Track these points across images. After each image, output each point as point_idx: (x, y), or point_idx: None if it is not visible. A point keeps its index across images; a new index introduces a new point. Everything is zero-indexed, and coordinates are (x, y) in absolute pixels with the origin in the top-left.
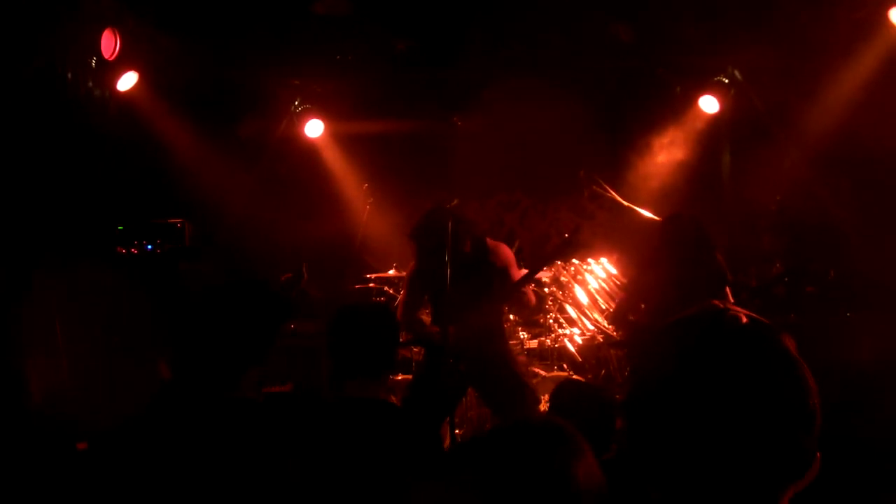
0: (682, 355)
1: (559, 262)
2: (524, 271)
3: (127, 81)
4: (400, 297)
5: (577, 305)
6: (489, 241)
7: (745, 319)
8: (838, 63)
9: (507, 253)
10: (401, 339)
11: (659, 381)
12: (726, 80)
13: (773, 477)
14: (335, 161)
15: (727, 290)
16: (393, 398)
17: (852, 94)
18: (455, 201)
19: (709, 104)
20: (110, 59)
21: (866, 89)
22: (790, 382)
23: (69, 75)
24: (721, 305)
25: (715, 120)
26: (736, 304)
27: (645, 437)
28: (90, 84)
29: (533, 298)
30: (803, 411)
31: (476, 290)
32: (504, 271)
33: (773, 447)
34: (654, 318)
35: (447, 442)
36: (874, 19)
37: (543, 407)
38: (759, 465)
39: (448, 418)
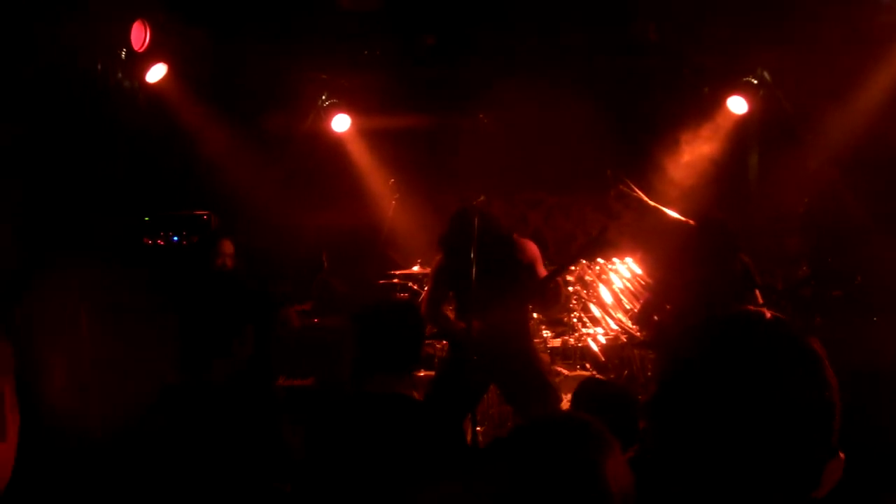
0: (709, 357)
1: (585, 261)
2: (551, 269)
3: (156, 73)
4: (425, 292)
5: (601, 305)
6: (516, 237)
7: (770, 318)
8: (866, 65)
9: (534, 250)
10: (426, 333)
11: (685, 382)
12: (755, 81)
13: (795, 480)
14: (361, 156)
15: (756, 292)
16: (416, 394)
17: (880, 96)
18: (482, 197)
19: (737, 105)
20: (140, 50)
21: (894, 91)
22: (813, 384)
23: (99, 66)
24: (752, 309)
25: (743, 121)
26: (765, 306)
27: (670, 437)
28: (119, 75)
29: (561, 296)
30: (826, 414)
31: (502, 287)
32: (530, 268)
33: (798, 447)
34: (679, 319)
35: (468, 438)
36: None
37: (565, 406)
38: (783, 466)
39: (469, 415)
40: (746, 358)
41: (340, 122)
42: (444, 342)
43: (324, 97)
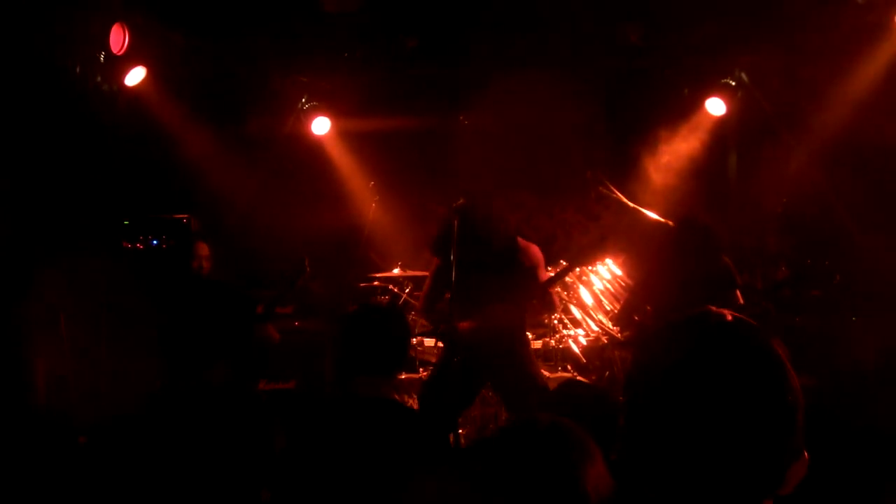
0: (670, 360)
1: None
2: (552, 273)
3: (135, 76)
4: (405, 296)
5: (581, 306)
6: (520, 240)
7: (730, 319)
8: (845, 65)
9: (537, 253)
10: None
11: (649, 383)
12: (733, 83)
13: (758, 478)
14: (341, 158)
15: (737, 292)
16: (398, 397)
17: (859, 96)
18: (461, 200)
19: (716, 106)
20: (119, 53)
21: (873, 92)
22: (772, 383)
23: (77, 69)
24: (712, 310)
25: (722, 121)
26: (745, 305)
27: (639, 438)
28: (98, 78)
29: (558, 302)
30: (785, 410)
31: (501, 288)
32: (532, 271)
33: (758, 448)
34: (659, 319)
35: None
36: (881, 23)
37: None
38: (744, 467)
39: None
40: (705, 360)
41: (321, 125)
42: (435, 344)
43: (304, 100)
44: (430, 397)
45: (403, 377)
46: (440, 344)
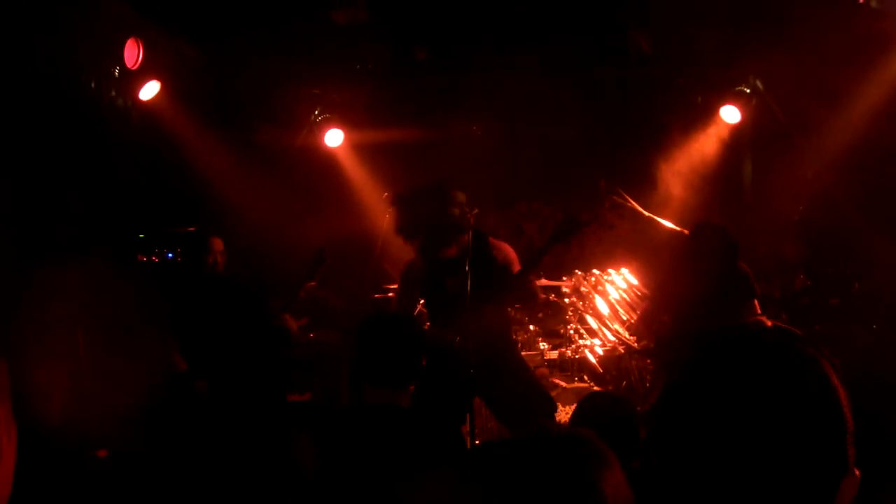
0: (712, 367)
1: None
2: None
3: (149, 90)
4: (394, 298)
5: (597, 316)
6: (491, 239)
7: (769, 331)
8: (859, 71)
9: (509, 251)
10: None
11: (691, 396)
12: (748, 90)
13: (808, 493)
14: (355, 170)
15: (755, 302)
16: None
17: (873, 102)
18: (476, 210)
19: (730, 114)
20: (133, 68)
21: (887, 97)
22: (822, 395)
23: (92, 84)
24: (757, 320)
25: (736, 129)
26: (764, 315)
27: (675, 452)
28: (113, 93)
29: (537, 292)
30: (836, 423)
31: (476, 290)
32: (505, 268)
33: (808, 462)
34: (677, 328)
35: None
36: (894, 29)
37: (562, 416)
38: (795, 481)
39: (467, 428)
40: (754, 372)
41: (334, 137)
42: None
43: (317, 112)
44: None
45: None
46: None
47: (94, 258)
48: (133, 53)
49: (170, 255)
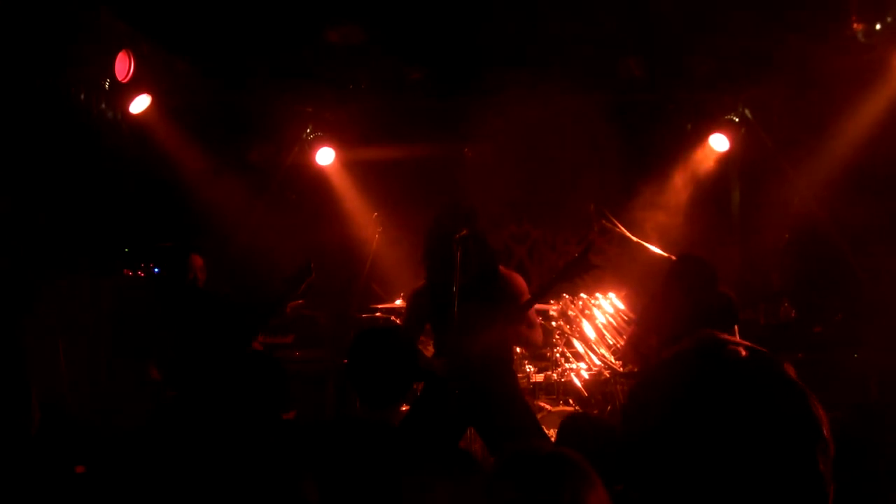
0: (683, 390)
1: (569, 280)
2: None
3: (140, 104)
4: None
5: (584, 340)
6: (502, 268)
7: (744, 352)
8: (847, 102)
9: (520, 282)
10: None
11: (658, 417)
12: (737, 119)
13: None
14: (345, 189)
15: (735, 328)
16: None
17: (861, 131)
18: (464, 231)
19: (719, 142)
20: (124, 81)
21: (875, 127)
22: (799, 413)
23: (82, 96)
24: (718, 336)
25: (725, 157)
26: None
27: (646, 472)
28: (103, 106)
29: (541, 333)
30: (816, 442)
31: (482, 318)
32: (513, 300)
33: (788, 481)
34: (661, 352)
35: None
36: (882, 60)
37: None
38: (774, 499)
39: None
40: (720, 389)
41: (325, 156)
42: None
43: (308, 130)
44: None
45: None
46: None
47: (77, 271)
48: (124, 66)
49: (156, 269)
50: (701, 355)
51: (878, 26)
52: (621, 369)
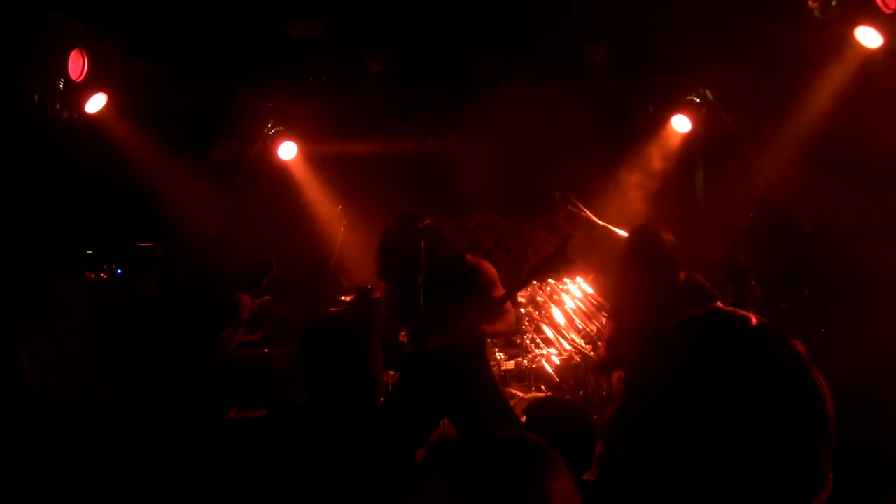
0: (692, 358)
1: (539, 281)
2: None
3: (95, 103)
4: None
5: (553, 325)
6: (469, 258)
7: (755, 321)
8: (807, 79)
9: (489, 270)
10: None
11: (666, 388)
12: (698, 100)
13: (788, 494)
14: (309, 183)
15: (719, 304)
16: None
17: (821, 111)
18: (428, 220)
19: (681, 123)
20: (78, 80)
21: (836, 104)
22: (807, 389)
23: (35, 97)
24: (726, 307)
25: (688, 139)
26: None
27: (648, 449)
28: (57, 106)
29: (515, 322)
30: (821, 422)
31: (454, 310)
32: (484, 289)
33: (791, 460)
34: (632, 335)
35: None
36: (841, 37)
37: None
38: (774, 480)
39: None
40: (730, 358)
41: (287, 150)
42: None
43: (270, 125)
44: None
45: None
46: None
47: (41, 275)
48: (78, 65)
49: (119, 271)
50: (711, 322)
51: (833, 2)
52: (592, 354)
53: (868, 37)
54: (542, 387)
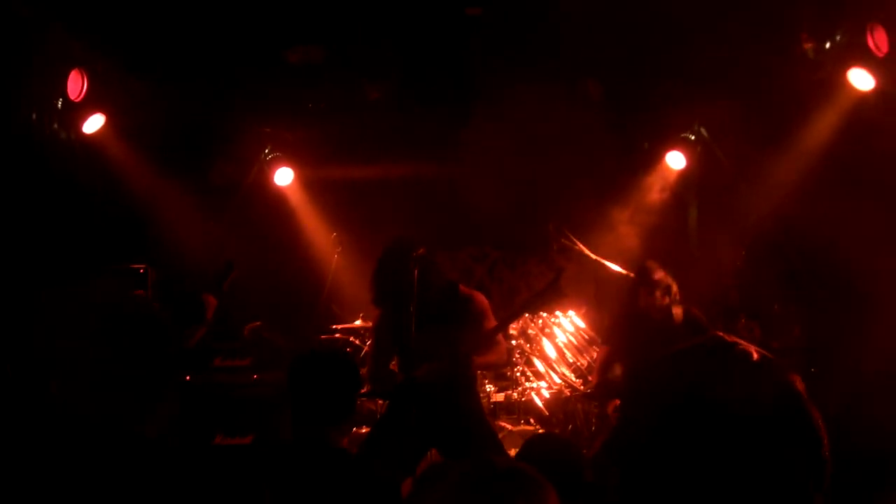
0: (690, 385)
1: (532, 313)
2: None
3: (93, 124)
4: (367, 348)
5: (544, 359)
6: (462, 288)
7: (756, 355)
8: (800, 120)
9: (482, 301)
10: (362, 391)
11: (662, 414)
12: (692, 137)
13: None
14: (304, 209)
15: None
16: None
17: (814, 150)
18: (422, 250)
19: (676, 160)
20: (77, 100)
21: (827, 145)
22: (804, 430)
23: (34, 116)
24: (728, 338)
25: (682, 175)
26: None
27: (640, 476)
28: (55, 126)
29: (505, 352)
30: (815, 464)
31: (445, 339)
32: (477, 320)
33: (782, 501)
34: (631, 368)
35: None
36: (834, 79)
37: None
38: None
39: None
40: (728, 389)
41: (283, 176)
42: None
43: (267, 150)
44: (370, 455)
45: (364, 431)
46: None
47: (35, 295)
48: (77, 86)
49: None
50: (711, 352)
51: (827, 45)
52: (582, 388)
53: (861, 79)
54: (532, 420)
